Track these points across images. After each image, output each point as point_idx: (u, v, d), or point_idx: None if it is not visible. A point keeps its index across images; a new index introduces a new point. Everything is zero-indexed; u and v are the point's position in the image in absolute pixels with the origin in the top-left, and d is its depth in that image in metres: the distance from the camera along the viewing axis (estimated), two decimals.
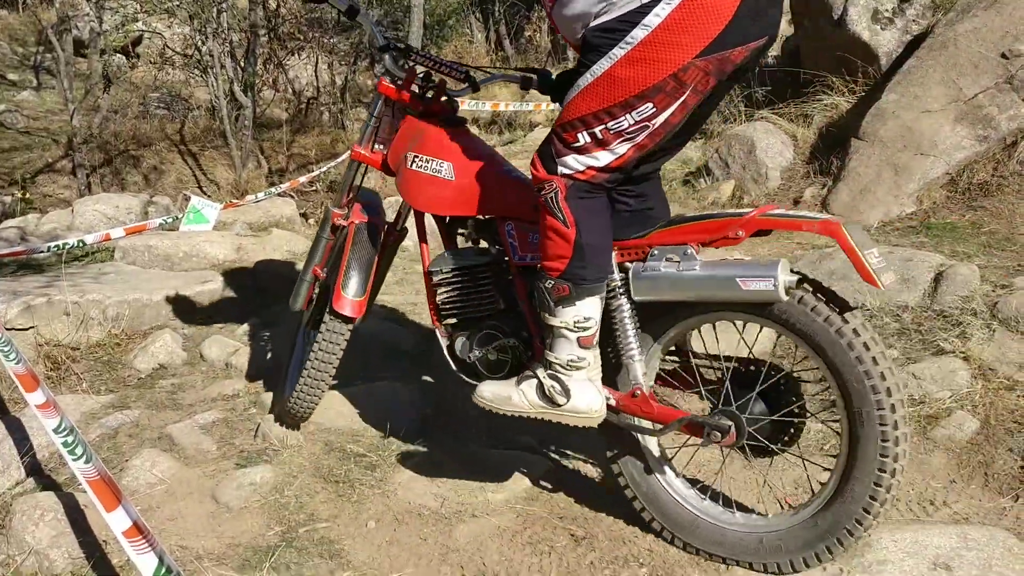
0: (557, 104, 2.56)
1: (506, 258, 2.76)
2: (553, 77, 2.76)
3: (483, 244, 2.88)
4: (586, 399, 2.46)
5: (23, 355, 3.02)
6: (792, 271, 2.25)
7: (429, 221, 2.98)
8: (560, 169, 2.33)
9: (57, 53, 10.93)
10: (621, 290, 2.49)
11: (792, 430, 2.41)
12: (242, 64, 11.58)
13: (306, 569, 2.49)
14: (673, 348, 2.62)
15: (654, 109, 2.22)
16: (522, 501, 2.84)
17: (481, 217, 2.84)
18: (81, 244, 5.32)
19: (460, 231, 2.95)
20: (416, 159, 2.81)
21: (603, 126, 2.26)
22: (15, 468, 3.01)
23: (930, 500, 2.68)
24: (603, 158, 2.30)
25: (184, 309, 4.50)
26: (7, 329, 3.68)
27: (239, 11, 12.03)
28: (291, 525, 2.71)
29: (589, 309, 2.40)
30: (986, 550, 2.36)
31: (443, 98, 2.91)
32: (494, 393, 2.60)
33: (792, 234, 5.38)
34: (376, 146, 3.05)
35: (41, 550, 2.50)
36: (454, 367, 2.87)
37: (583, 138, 2.29)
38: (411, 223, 3.09)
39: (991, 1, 5.89)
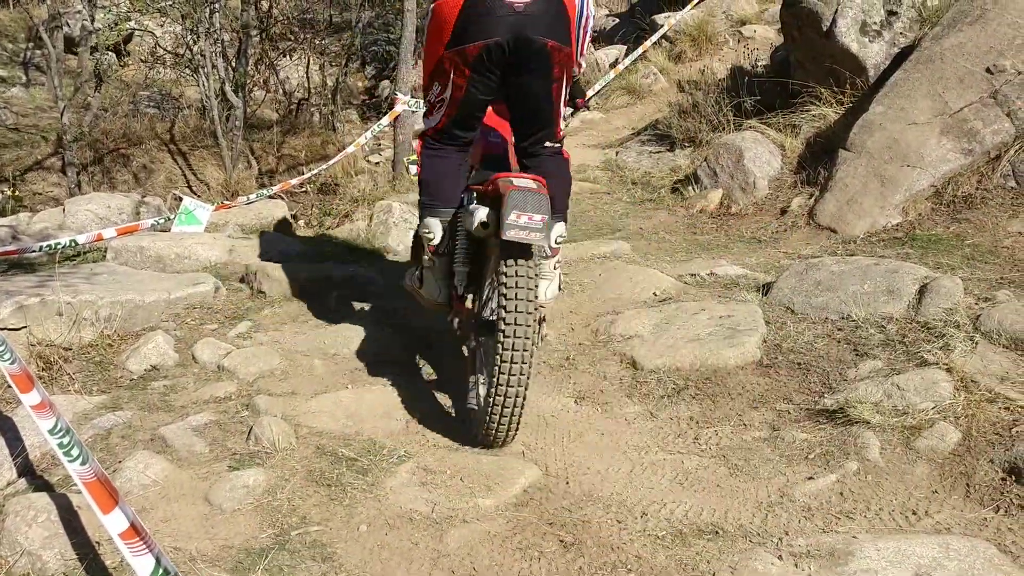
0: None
1: None
2: None
3: None
4: (428, 290, 3.57)
5: (18, 355, 3.04)
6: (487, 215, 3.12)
7: None
8: (423, 130, 3.56)
9: (48, 50, 10.90)
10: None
11: None
12: (233, 64, 11.57)
13: (298, 572, 2.52)
14: None
15: (440, 87, 3.35)
16: (512, 507, 2.88)
17: None
18: (73, 244, 5.32)
19: None
20: None
21: (426, 98, 3.47)
22: (7, 468, 3.03)
23: (912, 510, 2.73)
24: (431, 122, 3.47)
25: (176, 311, 4.52)
26: (0, 329, 3.69)
27: (231, 11, 12.02)
28: (283, 528, 2.74)
29: (430, 225, 3.44)
30: (967, 560, 2.41)
31: None
32: (405, 276, 3.83)
33: (780, 244, 5.45)
34: None
35: (34, 551, 2.52)
36: None
37: (424, 107, 3.50)
38: None
39: (976, 16, 5.97)
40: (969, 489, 2.78)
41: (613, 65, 10.90)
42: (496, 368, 2.97)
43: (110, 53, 13.21)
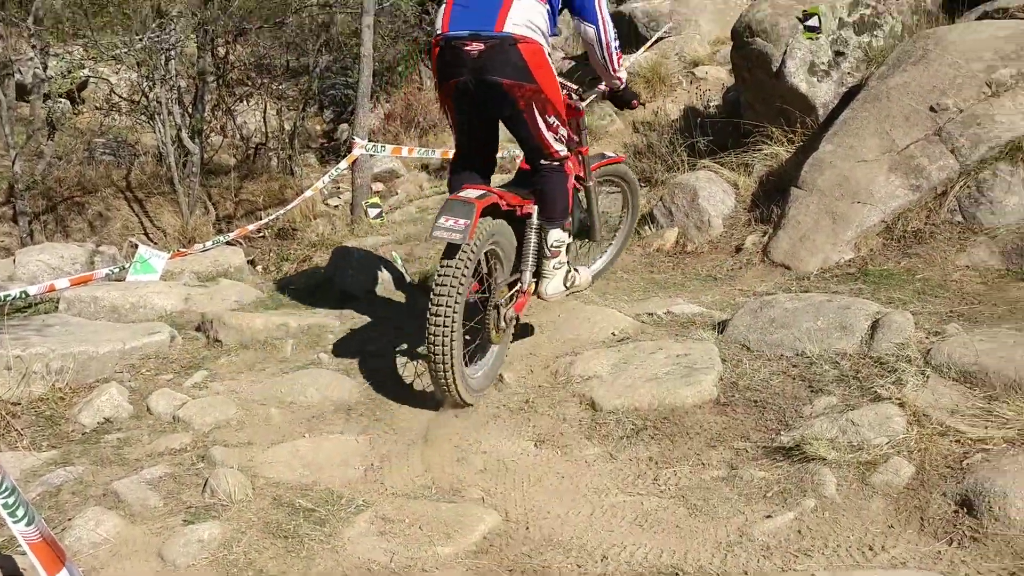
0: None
1: None
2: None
3: None
4: None
5: None
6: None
7: None
8: None
9: None
10: None
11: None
12: (190, 110, 11.54)
13: None
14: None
15: (445, 115, 4.27)
16: (472, 554, 2.86)
17: None
18: (24, 295, 5.23)
19: None
20: None
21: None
22: None
23: (869, 545, 2.74)
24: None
25: (131, 361, 4.45)
26: None
27: (187, 58, 12.01)
28: None
29: None
30: None
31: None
32: None
33: (735, 281, 5.51)
34: None
35: None
36: None
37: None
38: None
39: (919, 57, 6.14)
40: (923, 523, 2.81)
41: None
42: (425, 341, 3.65)
43: (64, 100, 13.10)
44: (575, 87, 4.47)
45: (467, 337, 3.90)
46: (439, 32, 3.90)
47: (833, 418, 3.31)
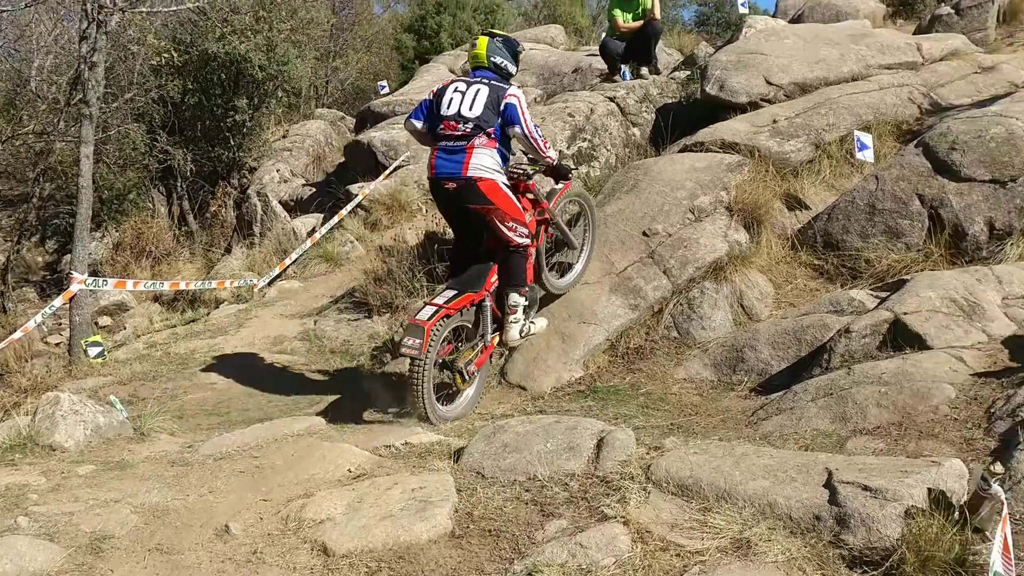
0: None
1: None
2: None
3: None
4: None
5: None
6: None
7: None
8: None
9: None
10: None
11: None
12: None
13: None
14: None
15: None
16: None
17: None
18: None
19: None
20: None
21: None
22: None
23: None
24: None
25: None
26: None
27: None
28: None
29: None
30: None
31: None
32: None
33: (477, 407, 5.56)
34: None
35: None
36: None
37: None
38: None
39: (631, 186, 6.65)
40: None
41: (310, 234, 10.94)
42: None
43: None
44: (524, 168, 5.90)
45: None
46: (429, 174, 5.57)
47: (563, 542, 3.34)
